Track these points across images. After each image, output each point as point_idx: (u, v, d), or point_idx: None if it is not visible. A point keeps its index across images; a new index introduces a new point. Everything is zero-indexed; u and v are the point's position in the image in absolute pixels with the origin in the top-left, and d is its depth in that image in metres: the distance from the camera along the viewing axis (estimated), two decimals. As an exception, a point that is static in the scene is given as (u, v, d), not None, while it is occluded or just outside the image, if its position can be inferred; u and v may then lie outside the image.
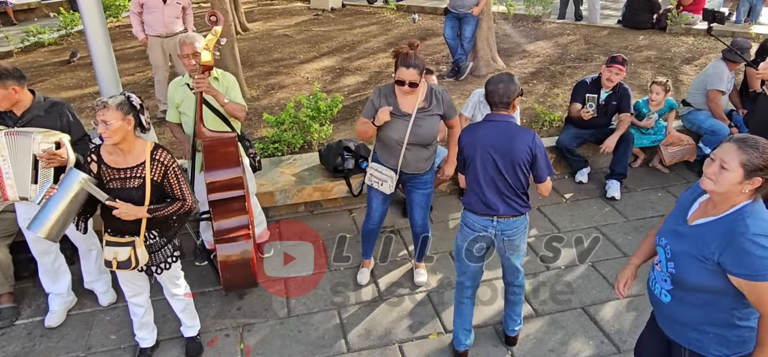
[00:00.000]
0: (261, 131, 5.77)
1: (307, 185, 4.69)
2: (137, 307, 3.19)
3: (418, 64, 3.16)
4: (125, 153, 2.76)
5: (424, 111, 3.30)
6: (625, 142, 4.95)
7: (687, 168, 5.43)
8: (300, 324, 3.58)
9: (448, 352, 3.35)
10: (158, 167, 2.80)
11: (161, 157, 2.81)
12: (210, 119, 3.59)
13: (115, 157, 2.77)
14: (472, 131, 2.91)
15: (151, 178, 2.78)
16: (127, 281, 3.09)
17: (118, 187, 2.76)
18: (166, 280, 3.13)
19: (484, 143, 2.83)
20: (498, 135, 2.82)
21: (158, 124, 5.93)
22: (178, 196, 2.87)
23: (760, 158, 1.91)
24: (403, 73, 3.16)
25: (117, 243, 2.81)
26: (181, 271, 3.20)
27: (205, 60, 3.35)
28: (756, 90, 5.20)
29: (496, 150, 2.81)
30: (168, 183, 2.84)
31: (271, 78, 7.61)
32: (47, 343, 3.46)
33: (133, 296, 3.15)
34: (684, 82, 6.95)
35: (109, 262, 2.83)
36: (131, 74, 7.91)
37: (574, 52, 8.31)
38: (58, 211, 2.60)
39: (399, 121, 3.30)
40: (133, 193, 2.76)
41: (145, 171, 2.77)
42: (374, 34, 9.85)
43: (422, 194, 3.56)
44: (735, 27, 9.32)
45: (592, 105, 4.84)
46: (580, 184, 5.16)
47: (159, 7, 5.95)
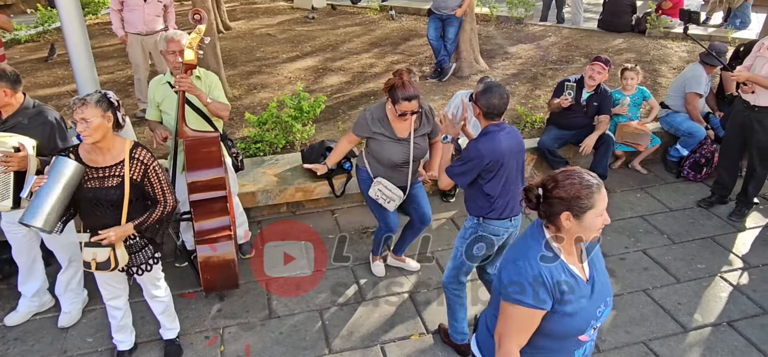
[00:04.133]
0: (243, 131, 5.72)
1: (290, 186, 4.66)
2: (116, 310, 3.14)
3: (417, 94, 3.23)
4: (104, 151, 2.71)
5: (418, 132, 3.43)
6: (606, 143, 5.01)
7: (665, 169, 5.53)
8: (281, 325, 3.56)
9: (430, 352, 3.35)
10: (138, 166, 2.75)
11: (141, 155, 2.76)
12: (192, 119, 3.55)
13: (94, 156, 2.71)
14: (492, 142, 2.84)
15: (130, 177, 2.72)
16: (106, 283, 3.04)
17: (96, 186, 2.70)
18: (146, 282, 3.08)
19: (506, 151, 2.86)
20: (511, 140, 2.91)
21: (138, 123, 5.85)
22: (158, 197, 2.82)
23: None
24: (405, 106, 3.22)
25: (96, 243, 2.74)
26: (161, 272, 3.15)
27: (189, 58, 3.32)
28: (732, 93, 5.31)
29: (515, 154, 2.92)
30: (148, 182, 2.78)
31: (253, 77, 7.55)
32: (21, 347, 3.39)
33: (112, 299, 3.10)
34: (662, 84, 7.06)
35: (88, 264, 2.75)
36: (111, 72, 7.79)
37: (555, 54, 8.39)
38: (52, 199, 2.53)
39: (397, 146, 3.40)
40: (112, 192, 2.70)
41: (124, 170, 2.72)
42: (358, 34, 9.84)
43: (420, 188, 3.68)
44: (711, 30, 9.51)
45: (571, 92, 4.92)
46: (561, 185, 5.20)
47: (139, 5, 5.86)
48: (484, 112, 2.85)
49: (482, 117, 2.88)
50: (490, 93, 2.83)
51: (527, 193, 1.91)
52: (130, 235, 2.80)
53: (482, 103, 2.84)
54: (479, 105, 2.85)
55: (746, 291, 3.84)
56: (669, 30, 9.23)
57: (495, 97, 2.82)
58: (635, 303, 3.72)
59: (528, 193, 1.90)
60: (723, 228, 4.58)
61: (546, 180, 1.88)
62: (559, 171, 1.87)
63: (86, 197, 2.70)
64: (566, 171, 1.86)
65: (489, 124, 2.89)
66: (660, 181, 5.34)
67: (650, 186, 5.25)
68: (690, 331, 3.49)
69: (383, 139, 3.39)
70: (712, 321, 3.57)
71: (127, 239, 2.83)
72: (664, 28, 9.24)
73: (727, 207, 4.82)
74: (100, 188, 2.70)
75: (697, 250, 4.29)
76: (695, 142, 5.28)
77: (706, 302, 3.74)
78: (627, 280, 3.93)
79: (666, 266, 4.10)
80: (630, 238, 4.44)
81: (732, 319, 3.59)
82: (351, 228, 4.60)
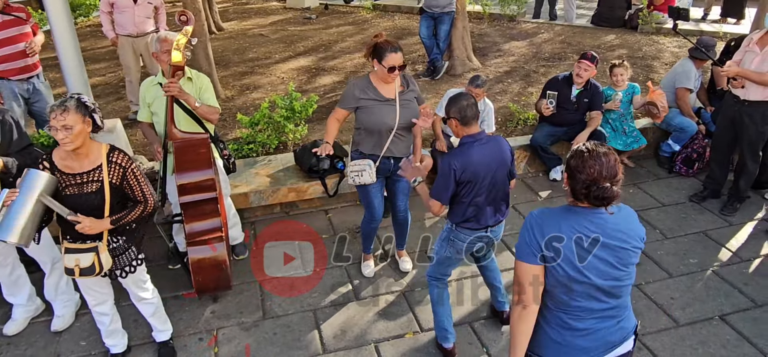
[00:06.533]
0: (235, 132, 5.71)
1: (283, 186, 4.65)
2: (103, 316, 3.11)
3: (400, 47, 3.29)
4: (81, 157, 2.64)
5: (404, 94, 3.43)
6: (598, 140, 5.01)
7: (657, 164, 5.54)
8: (275, 326, 3.55)
9: (424, 350, 3.36)
10: (116, 169, 2.70)
11: (118, 158, 2.71)
12: (183, 120, 3.53)
13: (70, 163, 2.64)
14: (464, 157, 2.82)
15: (110, 181, 2.68)
16: (89, 289, 2.98)
17: (75, 193, 2.63)
18: (131, 285, 3.03)
19: (478, 165, 2.83)
20: (491, 152, 2.86)
21: (129, 125, 5.83)
22: (139, 198, 2.79)
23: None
24: (393, 58, 3.24)
25: (78, 249, 2.68)
26: (147, 274, 3.12)
27: (176, 60, 3.31)
28: (723, 88, 5.33)
29: (491, 169, 2.86)
30: (128, 185, 2.75)
31: (245, 78, 7.53)
32: (14, 352, 3.37)
33: (97, 305, 3.05)
34: (655, 80, 7.07)
35: (71, 270, 2.70)
36: (102, 75, 7.76)
37: (548, 52, 8.40)
38: (26, 213, 2.49)
39: (386, 107, 3.38)
40: (92, 198, 2.65)
41: (103, 174, 2.66)
42: (350, 33, 9.83)
43: (405, 180, 3.62)
44: (702, 25, 9.55)
45: (553, 101, 4.96)
46: (554, 182, 5.22)
47: (129, 7, 5.84)
48: (461, 120, 2.84)
49: (460, 127, 2.86)
50: (458, 100, 2.83)
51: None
52: (110, 236, 2.75)
53: (455, 112, 2.83)
54: (454, 117, 2.84)
55: (738, 285, 3.86)
56: (661, 26, 9.27)
57: (463, 100, 2.83)
58: (628, 298, 3.74)
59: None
60: (715, 222, 4.60)
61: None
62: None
63: (66, 205, 2.63)
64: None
65: (465, 136, 2.88)
66: (652, 177, 5.36)
67: (642, 181, 5.27)
68: (682, 326, 3.51)
69: (372, 103, 3.37)
70: (705, 315, 3.59)
71: (110, 242, 2.78)
72: (656, 24, 9.27)
73: (719, 201, 4.84)
74: (80, 195, 2.64)
75: (690, 245, 4.30)
76: (687, 137, 5.30)
77: (698, 296, 3.75)
78: (620, 276, 3.94)
79: (658, 261, 4.11)
80: (623, 233, 4.45)
81: (724, 313, 3.61)
82: (344, 228, 4.60)
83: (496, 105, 5.88)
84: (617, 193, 1.95)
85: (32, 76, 4.84)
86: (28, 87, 4.82)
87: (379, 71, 3.31)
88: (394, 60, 3.24)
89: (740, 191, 4.70)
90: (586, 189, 1.94)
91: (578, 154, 1.99)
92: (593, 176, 1.92)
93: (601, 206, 1.98)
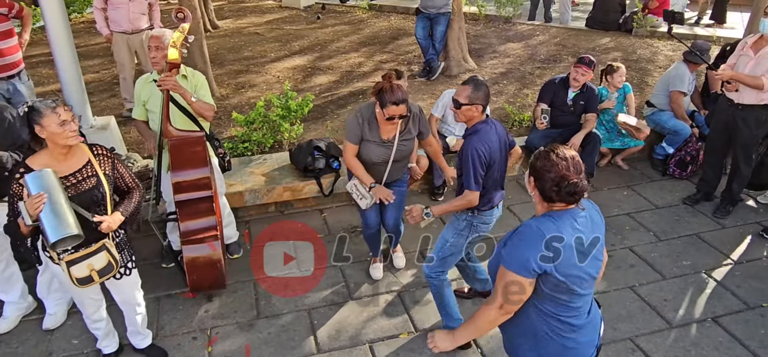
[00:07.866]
0: (230, 130, 5.69)
1: (278, 185, 4.64)
2: (98, 322, 3.07)
3: (405, 97, 3.21)
4: (69, 157, 2.59)
5: (403, 134, 3.41)
6: (593, 141, 5.04)
7: (651, 167, 5.57)
8: (269, 325, 3.54)
9: (418, 351, 3.35)
10: (105, 161, 2.73)
11: (102, 150, 2.75)
12: (178, 118, 3.52)
13: (56, 166, 2.54)
14: (487, 138, 2.90)
15: (104, 173, 2.69)
16: (86, 298, 2.91)
17: (75, 193, 2.58)
18: (126, 289, 2.96)
19: (499, 144, 2.96)
20: (497, 132, 2.99)
21: (124, 122, 5.80)
22: (131, 184, 2.83)
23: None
24: (393, 110, 3.20)
25: (86, 255, 2.60)
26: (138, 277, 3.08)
27: (172, 57, 3.29)
28: (716, 91, 5.37)
29: (503, 146, 3.01)
30: (118, 174, 2.77)
31: (241, 76, 7.51)
32: (5, 350, 3.34)
33: (94, 312, 3.00)
34: (649, 83, 7.12)
35: (86, 278, 2.61)
36: (96, 71, 7.71)
37: (543, 53, 8.43)
38: (65, 206, 2.42)
39: (379, 148, 3.39)
40: (94, 193, 2.63)
41: (96, 168, 2.66)
42: (346, 33, 9.82)
43: (397, 192, 3.59)
44: (697, 29, 9.61)
45: (546, 116, 5.03)
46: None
47: (124, 3, 5.79)
48: (483, 105, 2.92)
49: (481, 112, 2.93)
50: (482, 87, 2.92)
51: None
52: (115, 231, 2.74)
53: (483, 99, 2.90)
54: (481, 103, 2.90)
55: (731, 287, 3.88)
56: (655, 29, 9.32)
57: (483, 86, 2.92)
58: (621, 300, 3.75)
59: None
60: (708, 225, 4.63)
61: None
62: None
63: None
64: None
65: (478, 122, 2.93)
66: (646, 179, 5.39)
67: (636, 184, 5.30)
68: (675, 328, 3.52)
69: (370, 144, 3.39)
70: (698, 317, 3.61)
71: (113, 237, 2.76)
72: (651, 27, 9.32)
73: (712, 204, 4.87)
74: (81, 194, 2.60)
75: (683, 247, 4.33)
76: (681, 140, 5.33)
77: (691, 298, 3.77)
78: (613, 277, 3.96)
79: (652, 263, 4.13)
80: (616, 235, 4.47)
81: (717, 315, 3.63)
82: (340, 227, 4.59)
83: (491, 106, 5.90)
84: (586, 186, 1.98)
85: (13, 76, 4.69)
86: (9, 87, 4.69)
87: (379, 115, 3.28)
88: (395, 111, 3.20)
89: (733, 194, 4.73)
90: (557, 187, 1.94)
91: (543, 155, 1.99)
92: (562, 173, 1.93)
93: (572, 202, 1.99)
